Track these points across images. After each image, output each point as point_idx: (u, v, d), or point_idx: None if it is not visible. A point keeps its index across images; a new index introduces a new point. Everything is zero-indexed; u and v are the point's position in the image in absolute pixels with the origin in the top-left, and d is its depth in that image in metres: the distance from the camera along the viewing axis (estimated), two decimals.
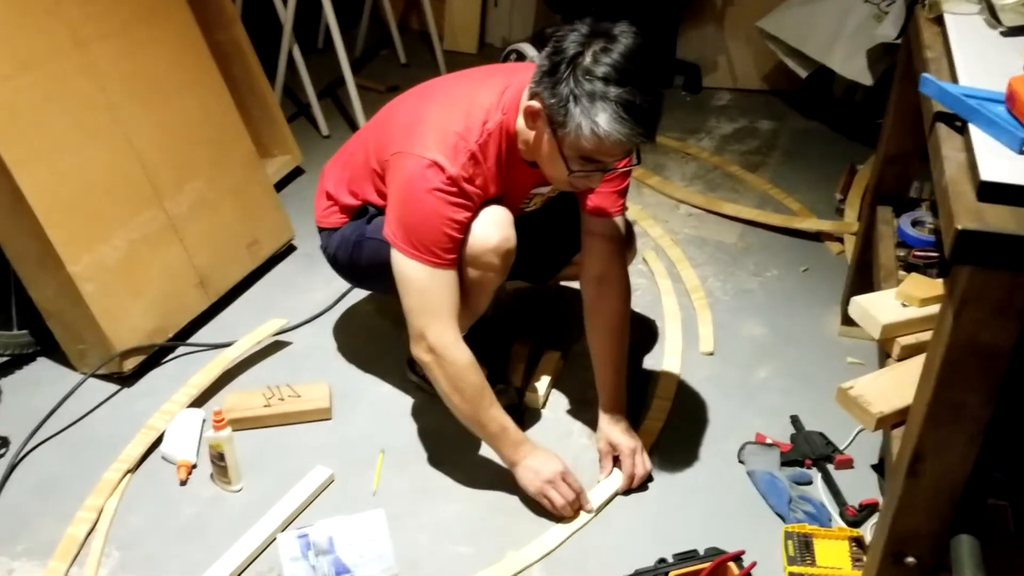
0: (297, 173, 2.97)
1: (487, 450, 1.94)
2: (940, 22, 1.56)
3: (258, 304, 2.43)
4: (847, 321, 2.24)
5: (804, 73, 3.16)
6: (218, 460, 1.84)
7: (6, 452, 1.96)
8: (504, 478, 1.87)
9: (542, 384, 2.10)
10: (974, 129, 1.20)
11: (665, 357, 2.21)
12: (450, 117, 1.69)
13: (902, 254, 1.87)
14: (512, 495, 1.85)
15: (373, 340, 2.30)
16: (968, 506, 1.27)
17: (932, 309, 1.56)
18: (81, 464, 1.93)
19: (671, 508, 1.84)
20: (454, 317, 1.72)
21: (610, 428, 1.90)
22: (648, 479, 1.89)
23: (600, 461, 1.91)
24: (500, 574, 1.69)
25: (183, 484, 1.89)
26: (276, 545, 1.71)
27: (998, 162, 1.13)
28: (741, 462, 1.93)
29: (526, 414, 2.05)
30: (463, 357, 1.73)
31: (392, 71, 3.75)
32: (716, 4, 3.49)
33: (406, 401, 2.11)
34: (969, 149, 1.17)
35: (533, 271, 2.14)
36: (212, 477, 1.90)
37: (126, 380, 2.15)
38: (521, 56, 3.25)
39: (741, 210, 2.79)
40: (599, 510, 1.82)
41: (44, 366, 2.21)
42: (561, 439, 1.99)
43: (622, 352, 1.94)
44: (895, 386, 1.45)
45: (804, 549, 1.68)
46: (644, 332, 2.31)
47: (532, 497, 1.80)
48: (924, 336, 1.55)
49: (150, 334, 2.17)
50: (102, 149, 2.08)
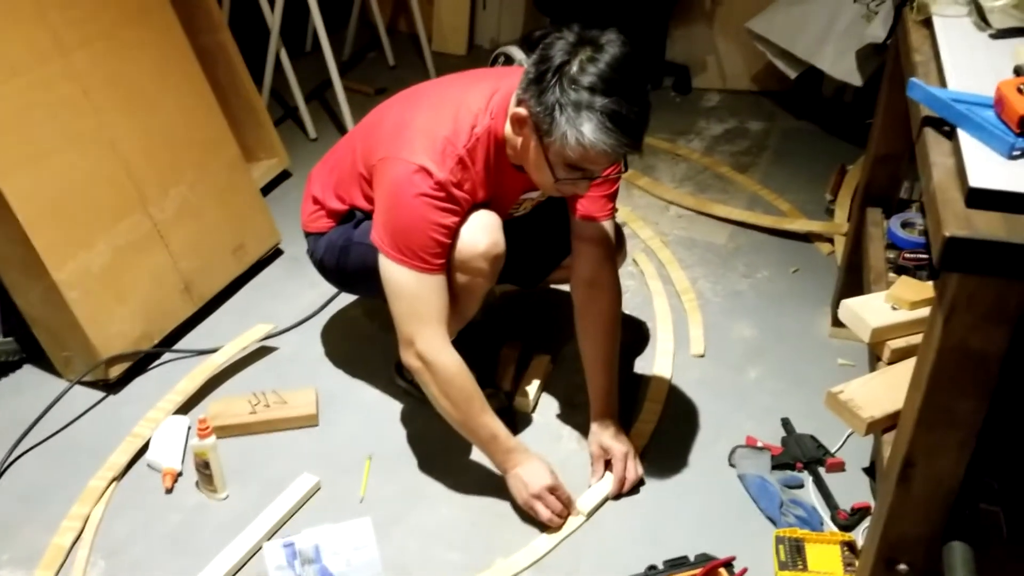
0: (284, 177, 2.95)
1: (476, 455, 1.92)
2: (928, 24, 1.55)
3: (244, 309, 2.41)
4: (838, 322, 2.21)
5: (794, 73, 3.15)
6: (203, 468, 1.82)
7: None
8: (493, 483, 1.85)
9: (532, 388, 2.08)
10: (963, 134, 1.18)
11: (656, 359, 2.20)
12: (438, 122, 1.68)
13: (892, 256, 1.86)
14: (502, 500, 1.83)
15: (360, 345, 2.28)
16: (960, 512, 1.25)
17: (922, 312, 1.55)
18: (66, 472, 1.91)
19: (662, 512, 1.82)
20: (443, 323, 1.70)
21: (602, 432, 1.89)
22: (639, 483, 1.87)
23: (592, 464, 1.90)
24: None
25: (169, 492, 1.87)
26: (262, 554, 1.69)
27: (987, 168, 1.11)
28: (732, 465, 1.92)
29: (516, 418, 2.03)
30: (453, 363, 1.71)
31: (380, 73, 3.73)
32: (705, 4, 3.48)
33: (393, 407, 2.09)
34: (957, 154, 1.16)
35: (522, 275, 2.13)
36: (197, 485, 1.88)
37: (111, 387, 2.13)
38: (509, 59, 3.24)
39: (731, 211, 2.78)
40: (590, 515, 1.81)
41: (29, 373, 2.18)
42: (551, 443, 1.98)
43: (613, 355, 1.92)
44: (885, 390, 1.44)
45: (795, 554, 1.67)
46: (635, 334, 2.30)
47: (520, 504, 1.79)
48: (914, 339, 1.54)
49: (135, 340, 2.15)
50: (86, 154, 2.06)
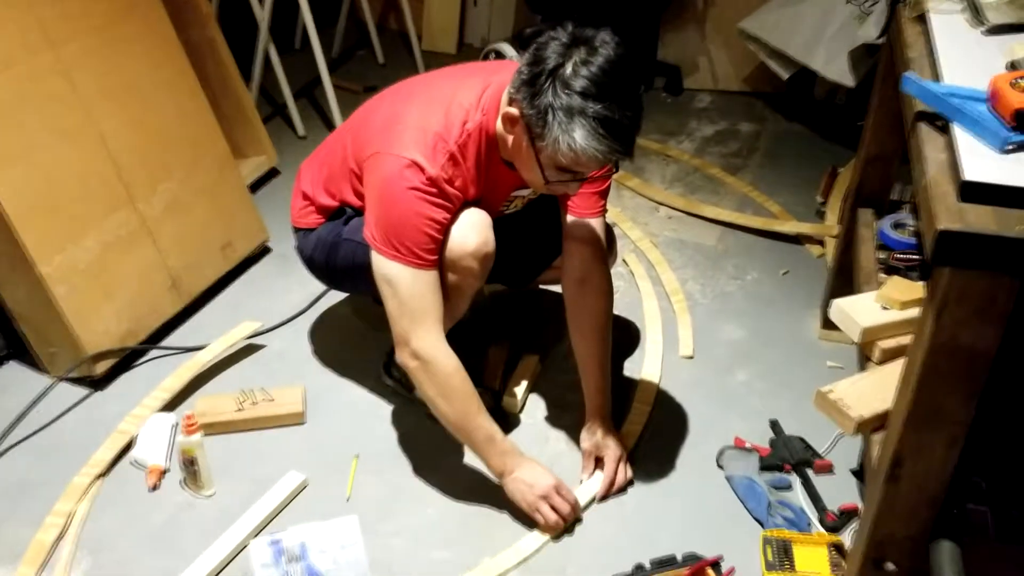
0: (272, 174, 2.95)
1: (463, 455, 1.92)
2: (923, 21, 1.55)
3: (231, 307, 2.40)
4: (827, 324, 2.24)
5: (786, 74, 3.16)
6: (189, 465, 1.82)
7: None
8: (481, 483, 1.85)
9: (520, 388, 2.08)
10: (957, 128, 1.19)
11: (645, 361, 2.20)
12: (429, 117, 1.68)
13: (883, 257, 1.87)
14: (489, 500, 1.83)
15: (348, 343, 2.28)
16: (948, 511, 1.26)
17: (913, 312, 1.56)
18: (51, 469, 1.90)
19: (650, 513, 1.83)
20: (439, 320, 1.70)
21: (595, 431, 1.89)
22: (628, 485, 1.87)
23: (583, 460, 1.90)
24: None
25: (154, 490, 1.87)
26: (248, 552, 1.68)
27: (980, 162, 1.12)
28: (720, 467, 1.92)
29: (504, 419, 2.03)
30: (450, 362, 1.71)
31: (370, 71, 3.73)
32: (697, 5, 3.49)
33: (381, 405, 2.09)
34: (951, 149, 1.17)
35: (512, 275, 2.13)
36: (183, 482, 1.87)
37: (97, 384, 2.12)
38: (500, 56, 3.24)
39: (721, 212, 2.78)
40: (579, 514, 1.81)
41: (14, 370, 2.17)
42: (538, 444, 1.98)
43: (606, 354, 1.92)
44: (875, 390, 1.45)
45: (783, 555, 1.68)
46: (624, 335, 2.30)
47: (523, 510, 1.77)
48: (905, 339, 1.54)
49: (122, 337, 2.14)
50: (75, 149, 2.05)
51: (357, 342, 2.27)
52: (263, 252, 2.60)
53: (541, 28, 1.58)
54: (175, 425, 1.99)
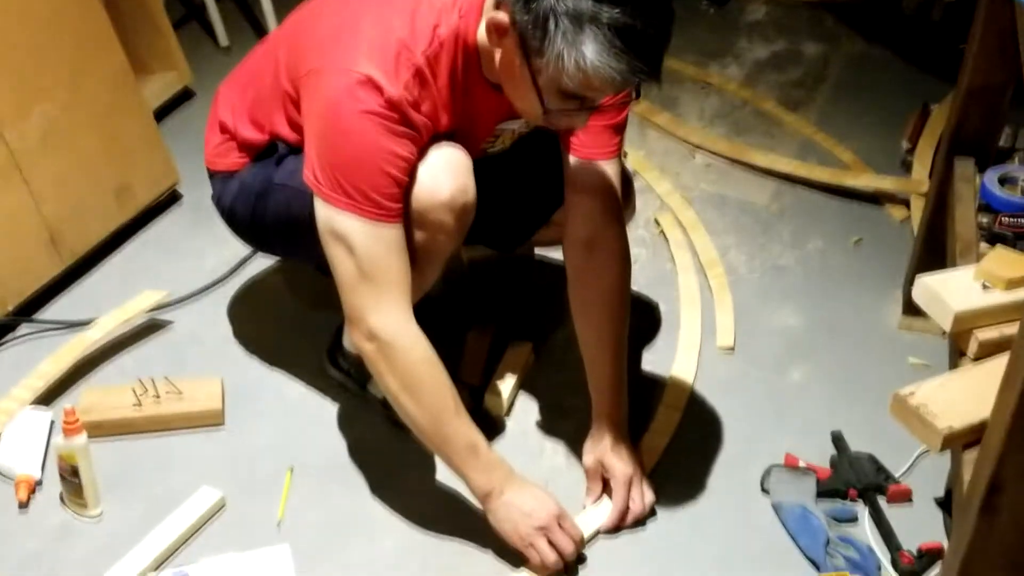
0: (186, 97, 2.95)
1: (432, 470, 1.94)
2: None
3: (129, 271, 2.41)
4: (910, 310, 2.25)
5: None
6: (70, 475, 1.83)
7: None
8: (453, 507, 1.87)
9: (506, 385, 2.10)
10: None
11: (674, 353, 2.22)
12: (390, 20, 1.66)
13: (985, 221, 1.88)
14: (464, 529, 1.85)
15: (281, 323, 2.28)
16: None
17: (1022, 294, 1.57)
18: None
19: (673, 550, 1.85)
20: (406, 292, 1.70)
21: (601, 442, 1.90)
22: (648, 514, 1.89)
23: (587, 481, 1.92)
24: None
25: (23, 507, 1.88)
26: None
27: None
28: (765, 491, 1.94)
29: (486, 424, 2.04)
30: (418, 347, 1.71)
31: None
32: None
33: (324, 405, 2.10)
34: None
35: (498, 235, 2.14)
36: (63, 499, 1.88)
37: None
38: None
39: (776, 161, 2.79)
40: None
41: None
42: (530, 459, 1.99)
43: (620, 340, 1.93)
44: (969, 394, 1.46)
45: None
46: (645, 319, 2.31)
47: (510, 543, 1.78)
48: (1010, 329, 1.55)
49: None
50: None
51: (293, 322, 2.28)
52: (171, 200, 2.60)
53: None
54: (52, 423, 1.99)
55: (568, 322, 1.97)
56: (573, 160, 1.87)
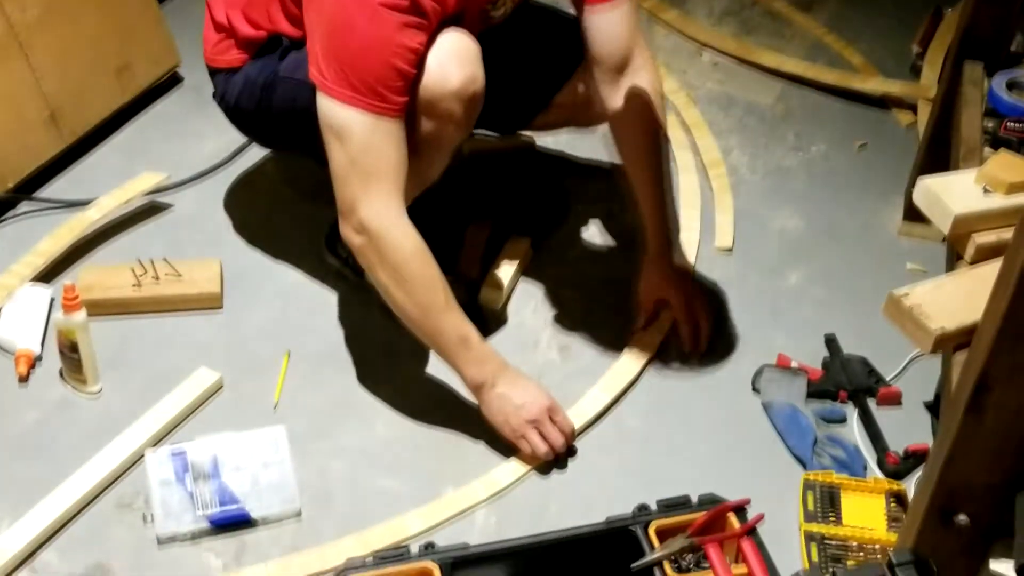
0: None
1: (427, 361, 1.96)
2: None
3: (129, 151, 2.40)
4: (911, 215, 2.26)
5: None
6: (70, 352, 1.84)
7: None
8: (447, 397, 1.90)
9: (504, 279, 2.11)
10: None
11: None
12: None
13: (991, 126, 1.87)
14: (455, 419, 1.87)
15: (281, 208, 2.29)
16: None
17: (1022, 198, 1.57)
18: None
19: (661, 444, 1.87)
20: (399, 186, 1.70)
21: (657, 274, 2.00)
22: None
23: (638, 312, 2.03)
24: (435, 515, 1.72)
25: (23, 381, 1.90)
26: (143, 464, 1.72)
27: None
28: (756, 390, 1.96)
29: (482, 316, 2.06)
30: (408, 240, 1.71)
31: None
32: None
33: (321, 291, 2.12)
34: None
35: (499, 116, 2.12)
36: (62, 374, 1.90)
37: None
38: None
39: (784, 62, 2.77)
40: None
41: None
42: (523, 351, 2.01)
43: (659, 165, 1.98)
44: (964, 296, 1.46)
45: (827, 503, 1.73)
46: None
47: (502, 435, 1.81)
48: (1008, 234, 1.55)
49: None
50: None
51: (292, 207, 2.28)
52: (172, 82, 2.59)
53: None
54: (52, 301, 2.01)
55: (568, 221, 1.97)
56: (588, 9, 1.87)
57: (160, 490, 1.68)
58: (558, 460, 1.82)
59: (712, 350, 2.04)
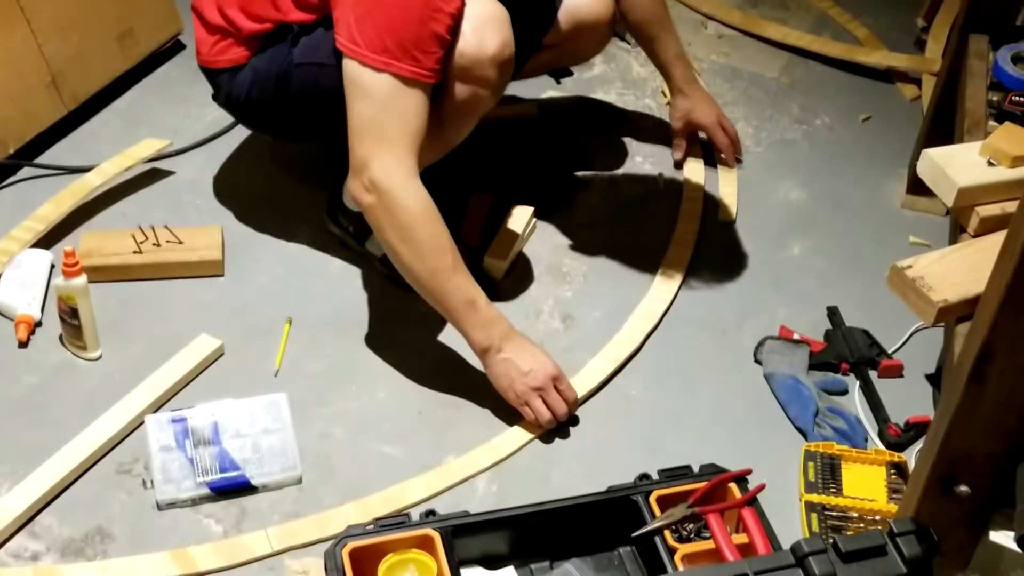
0: None
1: (431, 328, 1.96)
2: None
3: (131, 117, 2.40)
4: (915, 188, 2.26)
5: None
6: (70, 317, 1.84)
7: None
8: (450, 363, 1.90)
9: (507, 247, 2.10)
10: None
11: (677, 224, 2.22)
12: None
13: (996, 99, 1.87)
14: (459, 385, 1.88)
15: (283, 176, 2.28)
16: None
17: None
18: None
19: (664, 413, 1.88)
20: (413, 150, 1.70)
21: (685, 103, 2.29)
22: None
23: (675, 140, 2.31)
24: (436, 482, 1.73)
25: (23, 346, 1.90)
26: (144, 430, 1.73)
27: None
28: (758, 361, 1.97)
29: (484, 285, 2.05)
30: (419, 200, 1.71)
31: None
32: None
33: (323, 259, 2.12)
34: None
35: None
36: (62, 339, 1.90)
37: None
38: None
39: (789, 34, 2.77)
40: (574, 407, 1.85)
41: None
42: (526, 319, 2.01)
43: (666, 11, 2.24)
44: (967, 268, 1.46)
45: (828, 474, 1.73)
46: (646, 190, 2.31)
47: (506, 400, 1.81)
48: (1012, 206, 1.55)
49: None
50: None
51: (294, 176, 2.27)
52: (175, 48, 2.58)
53: None
54: (53, 266, 2.01)
55: (572, 190, 1.97)
56: None
57: (160, 455, 1.68)
58: (560, 428, 1.82)
59: (716, 322, 2.04)
